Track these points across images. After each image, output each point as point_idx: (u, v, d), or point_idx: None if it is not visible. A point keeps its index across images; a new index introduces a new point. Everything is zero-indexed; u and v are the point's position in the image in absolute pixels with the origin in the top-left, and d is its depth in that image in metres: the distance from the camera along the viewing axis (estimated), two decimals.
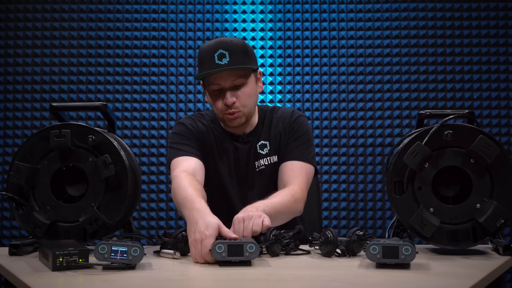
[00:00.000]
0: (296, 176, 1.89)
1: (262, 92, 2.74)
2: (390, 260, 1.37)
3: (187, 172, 1.79)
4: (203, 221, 1.52)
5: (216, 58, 1.81)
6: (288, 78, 3.21)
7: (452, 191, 1.65)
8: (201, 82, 1.96)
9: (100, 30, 3.21)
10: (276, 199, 1.78)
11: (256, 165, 1.96)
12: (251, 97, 1.90)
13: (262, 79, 2.03)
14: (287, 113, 2.01)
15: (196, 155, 1.90)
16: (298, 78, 3.21)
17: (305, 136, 1.98)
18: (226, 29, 3.23)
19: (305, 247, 1.64)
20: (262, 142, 1.98)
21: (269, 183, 1.94)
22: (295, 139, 1.96)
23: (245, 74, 1.86)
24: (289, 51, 3.22)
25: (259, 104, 2.04)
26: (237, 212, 1.81)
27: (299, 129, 1.98)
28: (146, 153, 3.18)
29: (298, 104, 3.20)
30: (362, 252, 1.57)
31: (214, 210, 1.92)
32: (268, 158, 1.97)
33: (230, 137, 1.98)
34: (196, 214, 1.55)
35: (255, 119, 2.01)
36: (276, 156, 1.97)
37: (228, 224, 1.68)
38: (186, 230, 1.58)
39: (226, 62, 1.80)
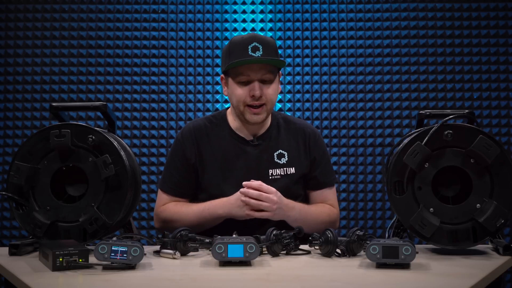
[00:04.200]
0: (332, 199, 2.05)
1: None
2: (390, 260, 1.38)
3: (170, 204, 1.98)
4: (236, 197, 1.82)
5: (250, 49, 1.86)
6: (288, 78, 3.21)
7: (452, 191, 1.65)
8: (222, 75, 1.99)
9: (100, 30, 3.21)
10: (314, 212, 1.95)
11: (270, 172, 1.97)
12: (275, 95, 1.95)
13: None
14: (306, 128, 2.06)
15: (176, 191, 1.98)
16: (298, 78, 3.21)
17: (328, 155, 2.10)
18: (226, 29, 3.23)
19: (305, 247, 1.64)
20: (281, 151, 1.99)
21: (283, 193, 1.90)
22: (321, 164, 2.03)
23: (273, 71, 1.91)
24: (289, 51, 3.22)
25: None
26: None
27: (322, 152, 2.06)
28: (146, 153, 3.17)
29: (298, 104, 3.20)
30: (362, 252, 1.57)
31: None
32: (285, 169, 1.98)
33: (239, 140, 1.98)
34: (224, 203, 1.87)
35: (267, 122, 2.02)
36: (293, 168, 1.99)
37: (229, 229, 1.71)
38: (184, 229, 1.58)
39: (259, 55, 1.85)
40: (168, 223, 1.95)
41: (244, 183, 1.80)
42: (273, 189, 1.79)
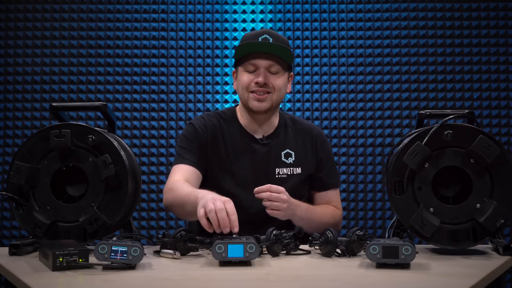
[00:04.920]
0: (336, 201, 2.06)
1: None
2: (390, 260, 1.37)
3: (181, 180, 1.84)
4: (219, 196, 1.55)
5: (260, 39, 1.89)
6: None
7: (452, 191, 1.65)
8: (233, 69, 2.00)
9: (100, 30, 3.21)
10: (319, 212, 1.94)
11: (277, 171, 1.97)
12: (283, 88, 1.94)
13: None
14: (313, 129, 2.07)
15: (195, 163, 1.91)
16: (298, 78, 3.21)
17: (333, 157, 2.11)
18: (226, 29, 3.23)
19: (305, 247, 1.64)
20: (288, 151, 2.00)
21: (288, 193, 1.87)
22: (327, 165, 2.04)
23: (281, 64, 1.91)
24: None
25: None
26: (246, 212, 1.85)
27: (328, 153, 2.07)
28: (146, 153, 3.17)
29: (298, 104, 3.20)
30: (362, 252, 1.57)
31: None
32: (292, 168, 1.98)
33: (248, 138, 1.98)
34: (208, 194, 1.59)
35: (275, 120, 2.02)
36: (299, 168, 1.99)
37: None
38: (184, 229, 1.58)
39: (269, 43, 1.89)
40: (168, 192, 1.85)
41: (255, 190, 1.77)
42: (282, 188, 1.78)
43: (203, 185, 2.02)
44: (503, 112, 3.16)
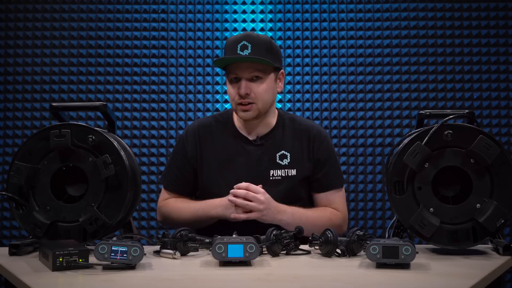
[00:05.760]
0: (338, 202, 2.00)
1: None
2: (390, 260, 1.38)
3: (171, 199, 2.03)
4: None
5: (238, 48, 1.85)
6: (288, 78, 3.21)
7: (452, 191, 1.65)
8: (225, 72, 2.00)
9: (100, 30, 3.21)
10: (311, 216, 1.90)
11: (271, 173, 1.94)
12: (267, 93, 1.90)
13: None
14: (312, 129, 2.01)
15: (174, 187, 2.02)
16: (298, 78, 3.21)
17: (334, 157, 2.04)
18: (226, 29, 3.23)
19: (305, 247, 1.64)
20: (284, 152, 1.96)
21: (283, 195, 1.89)
22: (326, 166, 1.99)
23: (263, 69, 1.88)
24: (289, 51, 3.22)
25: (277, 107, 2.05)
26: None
27: (328, 154, 2.00)
28: (146, 153, 3.17)
29: (298, 104, 3.20)
30: (362, 252, 1.57)
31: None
32: (287, 170, 1.95)
33: (241, 139, 1.97)
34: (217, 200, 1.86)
35: (272, 120, 2.00)
36: (294, 169, 1.96)
37: (228, 230, 1.71)
38: (184, 229, 1.58)
39: (247, 54, 1.84)
40: (167, 218, 2.00)
41: (235, 186, 1.80)
42: (261, 190, 1.79)
43: (196, 190, 2.03)
44: (503, 112, 3.16)
